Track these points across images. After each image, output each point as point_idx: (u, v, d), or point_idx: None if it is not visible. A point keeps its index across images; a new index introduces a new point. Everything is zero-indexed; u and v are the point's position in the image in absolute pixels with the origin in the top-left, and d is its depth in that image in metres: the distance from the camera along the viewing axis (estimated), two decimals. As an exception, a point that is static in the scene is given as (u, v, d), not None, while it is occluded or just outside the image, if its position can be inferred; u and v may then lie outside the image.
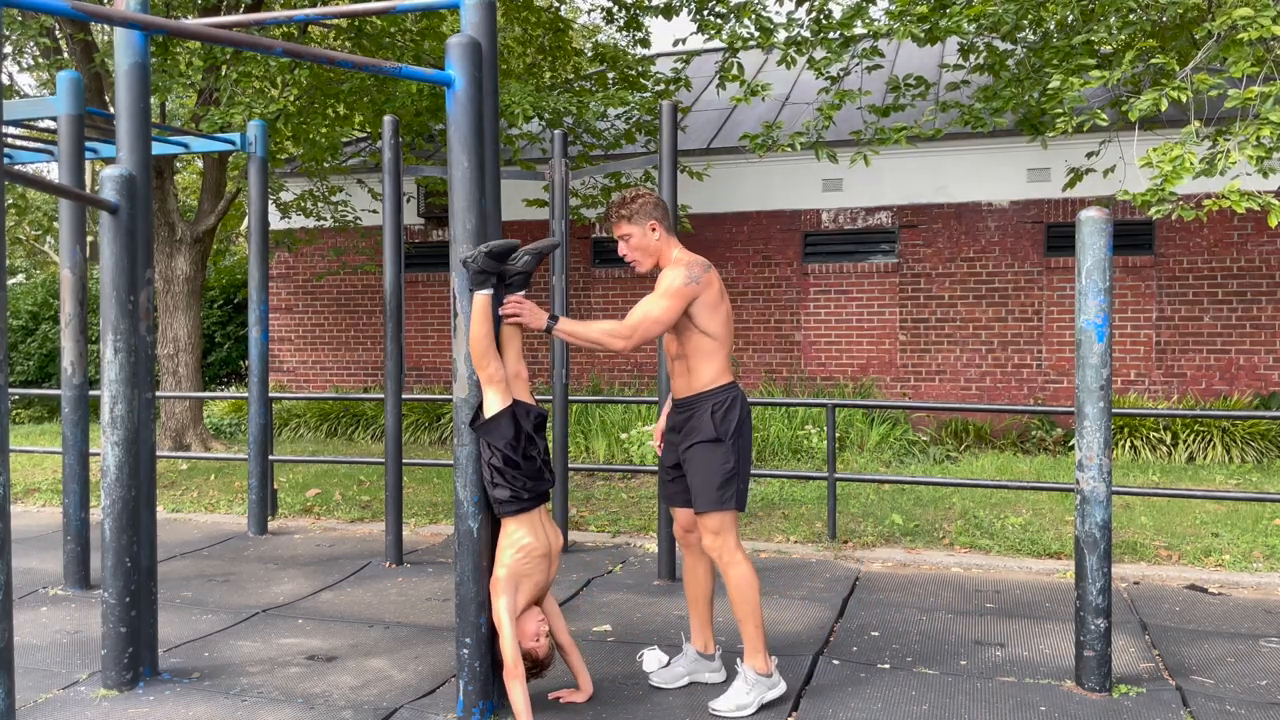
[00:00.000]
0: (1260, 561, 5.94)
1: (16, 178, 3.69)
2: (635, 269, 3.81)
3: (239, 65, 9.04)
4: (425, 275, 13.42)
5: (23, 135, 7.07)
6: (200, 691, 4.02)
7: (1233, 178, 6.56)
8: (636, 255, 3.79)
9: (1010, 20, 7.68)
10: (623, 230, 3.78)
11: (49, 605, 5.33)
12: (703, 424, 3.70)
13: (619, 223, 3.78)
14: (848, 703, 3.81)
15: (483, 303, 3.59)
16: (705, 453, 3.70)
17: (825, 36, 8.50)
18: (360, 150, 13.63)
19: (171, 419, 10.77)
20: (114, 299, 4.03)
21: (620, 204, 3.79)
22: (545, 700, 3.83)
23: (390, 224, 6.17)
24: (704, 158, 12.18)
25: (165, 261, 10.64)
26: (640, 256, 3.80)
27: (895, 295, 11.69)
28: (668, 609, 5.12)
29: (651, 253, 3.79)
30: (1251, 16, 5.84)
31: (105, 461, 4.04)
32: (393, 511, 6.19)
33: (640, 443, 9.64)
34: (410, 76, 3.63)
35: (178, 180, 19.35)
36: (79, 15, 3.12)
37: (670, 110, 5.65)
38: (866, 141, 8.43)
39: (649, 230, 3.77)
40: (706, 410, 3.71)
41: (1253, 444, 9.60)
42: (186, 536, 7.09)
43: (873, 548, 6.41)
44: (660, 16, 10.17)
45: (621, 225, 3.78)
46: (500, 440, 3.59)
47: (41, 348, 15.02)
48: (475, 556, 3.66)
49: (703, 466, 3.70)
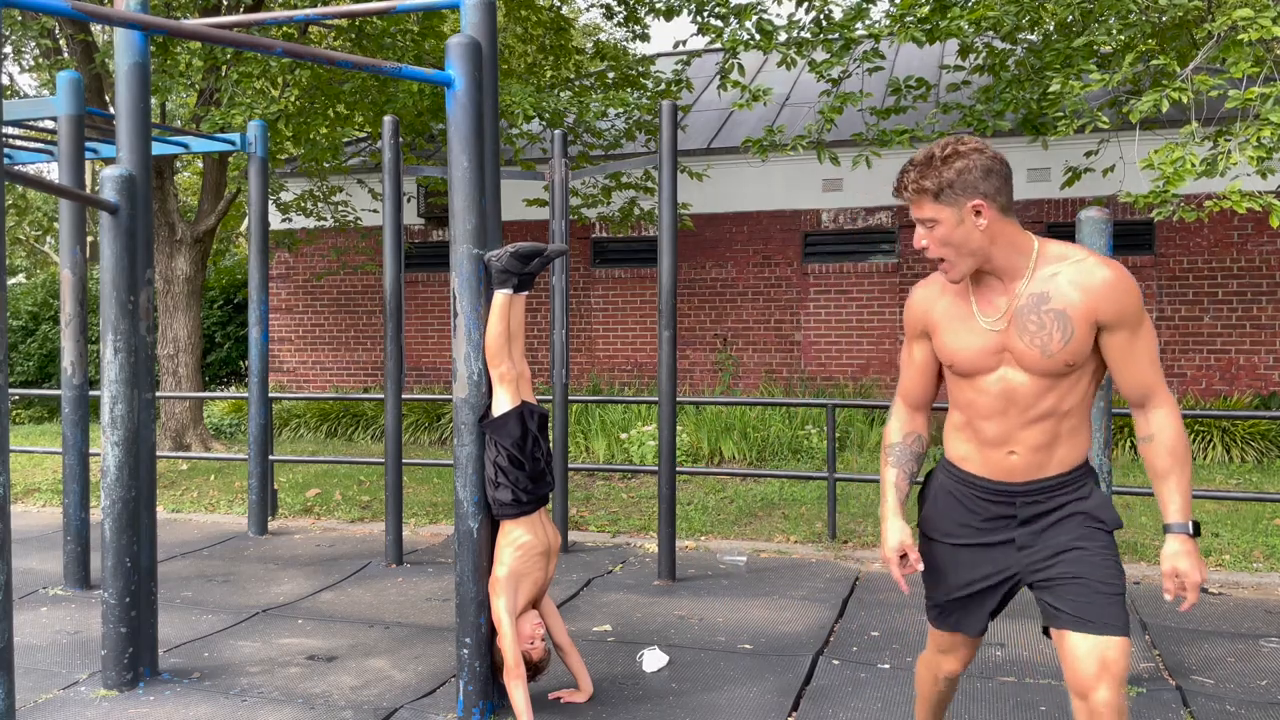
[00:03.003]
0: (1260, 561, 5.94)
1: (16, 178, 3.69)
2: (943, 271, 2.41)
3: (239, 66, 9.04)
4: (425, 275, 13.42)
5: (23, 135, 7.06)
6: (200, 691, 4.02)
7: (1233, 178, 6.55)
8: (945, 252, 2.35)
9: (1010, 22, 7.68)
10: (924, 212, 2.34)
11: (49, 605, 5.33)
12: (1094, 500, 2.45)
13: (917, 199, 2.34)
14: (848, 703, 3.81)
15: (503, 302, 3.62)
16: (1109, 544, 2.43)
17: (826, 38, 8.50)
18: (360, 150, 13.63)
19: (171, 419, 10.76)
20: (114, 299, 4.03)
21: (924, 166, 2.32)
22: (545, 700, 3.83)
23: (390, 224, 6.17)
24: (704, 158, 12.18)
25: (165, 261, 10.64)
26: (952, 255, 2.35)
27: (895, 295, 11.69)
28: (668, 609, 5.12)
29: (972, 250, 2.34)
30: (1252, 17, 5.84)
31: (105, 461, 4.04)
32: (393, 511, 6.19)
33: (640, 443, 9.64)
34: (410, 77, 3.63)
35: (178, 180, 19.35)
36: (79, 15, 3.12)
37: (670, 110, 5.65)
38: (868, 143, 8.43)
39: (969, 215, 2.30)
40: (1090, 481, 2.47)
41: (1253, 444, 9.60)
42: (186, 536, 7.09)
43: (873, 548, 6.41)
44: (661, 18, 10.17)
45: (923, 204, 2.33)
46: (508, 439, 3.60)
47: (41, 348, 15.01)
48: (475, 556, 3.66)
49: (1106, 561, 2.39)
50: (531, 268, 3.67)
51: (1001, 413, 2.42)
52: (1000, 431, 2.44)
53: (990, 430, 2.45)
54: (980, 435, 2.48)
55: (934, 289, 2.52)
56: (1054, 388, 2.36)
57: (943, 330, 2.49)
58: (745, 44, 8.42)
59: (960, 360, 2.44)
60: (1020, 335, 2.35)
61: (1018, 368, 2.38)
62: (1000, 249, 2.34)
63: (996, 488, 2.49)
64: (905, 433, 2.67)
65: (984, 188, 2.29)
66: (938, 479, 2.64)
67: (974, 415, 2.47)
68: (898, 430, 2.67)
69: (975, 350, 2.41)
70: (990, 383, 2.42)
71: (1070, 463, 2.43)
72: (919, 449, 2.67)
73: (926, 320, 2.53)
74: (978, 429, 2.47)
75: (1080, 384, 2.38)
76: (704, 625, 4.83)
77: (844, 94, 8.19)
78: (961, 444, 2.55)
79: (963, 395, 2.49)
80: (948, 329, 2.47)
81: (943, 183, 2.29)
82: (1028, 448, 2.41)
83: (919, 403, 2.67)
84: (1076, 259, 2.33)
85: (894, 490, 2.62)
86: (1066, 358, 2.32)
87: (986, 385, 2.42)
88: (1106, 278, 2.29)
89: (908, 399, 2.67)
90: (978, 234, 2.32)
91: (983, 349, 2.40)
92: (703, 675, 4.14)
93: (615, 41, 14.42)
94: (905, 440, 2.67)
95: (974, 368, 2.42)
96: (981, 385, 2.43)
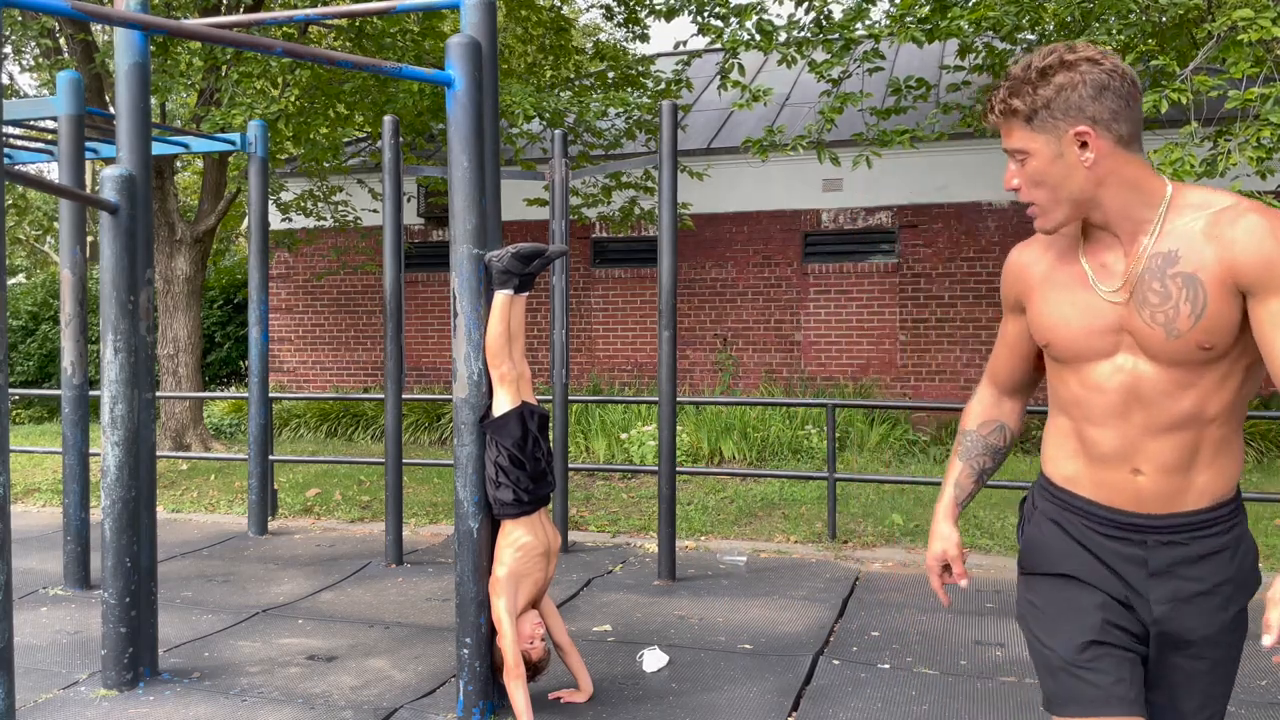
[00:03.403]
0: (1261, 561, 5.93)
1: (16, 178, 3.69)
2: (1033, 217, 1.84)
3: (239, 66, 9.04)
4: (425, 275, 13.42)
5: (23, 135, 7.06)
6: (200, 691, 4.02)
7: (1233, 179, 6.56)
8: (1036, 195, 1.81)
9: (1010, 22, 7.68)
10: (1013, 140, 1.80)
11: (49, 605, 5.33)
12: (1248, 564, 1.91)
13: (1006, 124, 1.80)
14: (848, 703, 3.81)
15: (503, 302, 3.63)
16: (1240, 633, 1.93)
17: (826, 39, 8.50)
18: (360, 150, 13.63)
19: (171, 419, 10.77)
20: (114, 299, 4.03)
21: (1018, 81, 1.77)
22: (545, 700, 3.83)
23: (390, 224, 6.17)
24: (704, 158, 12.18)
25: (165, 261, 10.64)
26: (1044, 199, 1.80)
27: (895, 295, 11.69)
28: (668, 609, 5.12)
29: (1072, 193, 1.78)
30: (1252, 17, 5.84)
31: (105, 461, 4.04)
32: (393, 511, 6.19)
33: (640, 443, 9.64)
34: (410, 76, 3.63)
35: (178, 180, 19.34)
36: (79, 15, 3.12)
37: (670, 110, 5.65)
38: (868, 143, 8.43)
39: (1071, 146, 1.75)
40: (1242, 523, 1.90)
41: (1253, 444, 9.59)
42: (186, 536, 7.09)
43: (873, 548, 6.41)
44: (662, 19, 10.18)
45: (1011, 130, 1.79)
46: (508, 440, 3.61)
47: (41, 348, 15.02)
48: (475, 556, 3.66)
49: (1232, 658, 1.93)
50: (532, 268, 3.68)
51: (1120, 416, 1.82)
52: (1119, 443, 1.83)
53: (1105, 441, 1.84)
54: (1092, 448, 1.87)
55: (1035, 248, 1.96)
56: (1193, 384, 1.76)
57: (1040, 298, 1.90)
58: (745, 44, 8.42)
59: (1061, 340, 1.86)
60: (1141, 309, 1.77)
61: (1141, 354, 1.79)
62: (1113, 193, 1.76)
63: (1118, 519, 1.86)
64: (983, 420, 2.13)
65: (1093, 110, 1.71)
66: (1037, 504, 2.03)
67: (1082, 419, 1.87)
68: (976, 415, 2.14)
69: (1081, 328, 1.83)
70: (1103, 374, 1.82)
71: (1217, 493, 1.83)
72: (998, 441, 2.13)
73: (1021, 286, 1.96)
74: (1088, 439, 1.87)
75: (1231, 379, 1.77)
76: (704, 625, 4.83)
77: (844, 94, 8.19)
78: (1067, 460, 1.93)
79: (1067, 390, 1.89)
80: (1046, 297, 1.88)
81: (1037, 102, 1.74)
82: (1157, 467, 1.81)
83: (1009, 386, 2.12)
84: (1219, 206, 1.74)
85: (952, 488, 2.11)
86: (1200, 338, 1.73)
87: (1098, 377, 1.83)
88: (1249, 225, 1.69)
89: (995, 380, 2.14)
90: (1081, 172, 1.74)
91: (1090, 327, 1.82)
92: (703, 675, 4.14)
93: (615, 42, 14.43)
94: (981, 429, 2.13)
95: (1079, 351, 1.84)
96: (1092, 377, 1.84)
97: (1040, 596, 1.95)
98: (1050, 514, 1.97)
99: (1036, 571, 1.98)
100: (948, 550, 2.05)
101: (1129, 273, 1.79)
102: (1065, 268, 1.87)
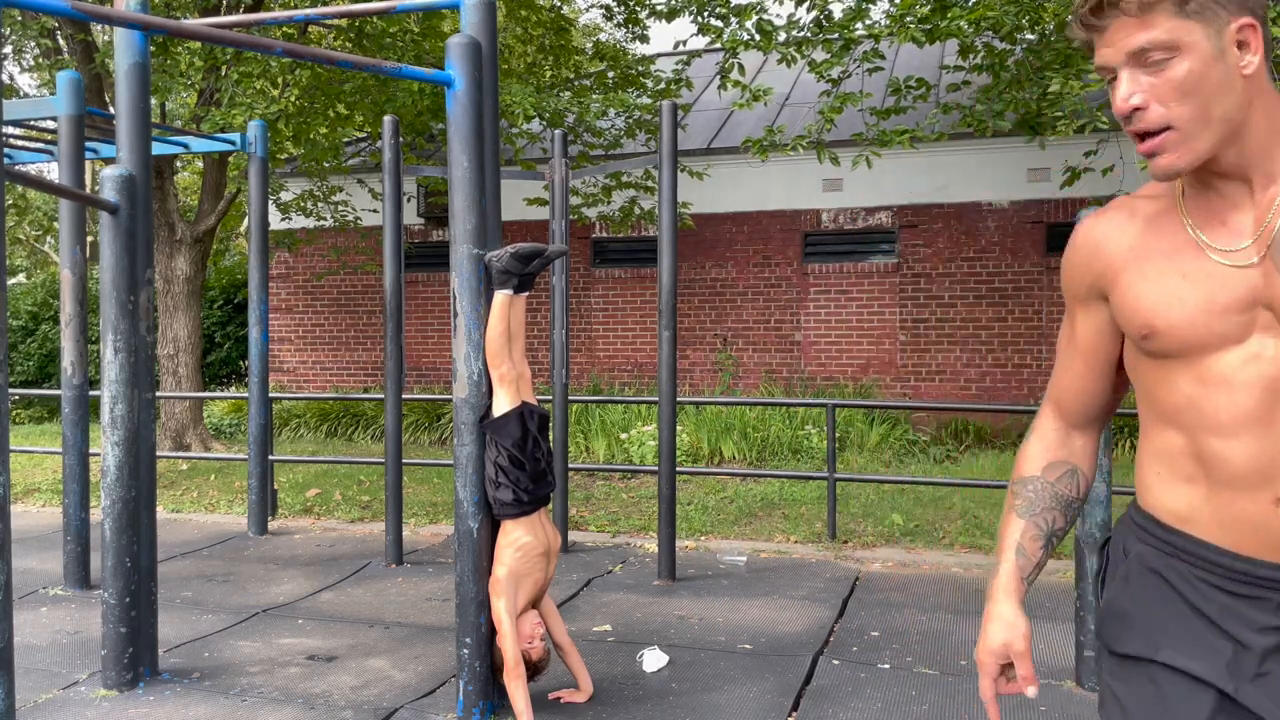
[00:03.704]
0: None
1: (16, 178, 3.69)
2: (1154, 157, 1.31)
3: (239, 66, 9.04)
4: (425, 275, 13.42)
5: (23, 135, 7.07)
6: (200, 691, 4.02)
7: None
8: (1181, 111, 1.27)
9: (1010, 22, 7.68)
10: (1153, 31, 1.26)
11: (49, 605, 5.33)
12: None
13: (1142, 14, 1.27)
14: (848, 703, 3.81)
15: (503, 302, 3.63)
16: None
17: (826, 39, 8.51)
18: (360, 150, 13.63)
19: (171, 419, 10.77)
20: (114, 299, 4.03)
21: None
22: (545, 700, 3.83)
23: (390, 224, 6.18)
24: (704, 158, 12.18)
25: (165, 261, 10.64)
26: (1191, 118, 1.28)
27: (895, 295, 11.69)
28: (668, 609, 5.12)
29: (1226, 110, 1.28)
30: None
31: (105, 461, 4.04)
32: (393, 511, 6.19)
33: (640, 443, 9.64)
34: (410, 76, 3.63)
35: (178, 180, 19.34)
36: (79, 15, 3.12)
37: (670, 110, 5.65)
38: (868, 143, 8.43)
39: (1232, 44, 1.27)
40: None
41: None
42: (186, 536, 7.09)
43: (873, 548, 6.41)
44: (662, 20, 10.18)
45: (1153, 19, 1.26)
46: (508, 440, 3.61)
47: (41, 348, 15.02)
48: (475, 556, 3.67)
49: None
50: (532, 268, 3.68)
51: (1260, 421, 1.30)
52: (1257, 460, 1.30)
53: (1236, 457, 1.32)
54: (1216, 469, 1.34)
55: (1118, 216, 1.45)
56: None
57: (1134, 277, 1.40)
58: (745, 44, 8.42)
59: (1170, 324, 1.35)
60: None
61: None
62: (1259, 119, 1.29)
63: (1252, 571, 1.33)
64: (1049, 462, 1.59)
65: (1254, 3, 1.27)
66: (1130, 548, 1.48)
67: (1201, 430, 1.35)
68: (1039, 456, 1.59)
69: (1198, 306, 1.33)
70: (1231, 365, 1.32)
71: None
72: (1070, 491, 1.58)
73: (1101, 265, 1.45)
74: (1210, 457, 1.35)
75: None
76: (704, 625, 4.83)
77: (844, 94, 8.19)
78: (1176, 488, 1.40)
79: (1176, 394, 1.38)
80: (1143, 271, 1.39)
81: None
82: None
83: (1081, 415, 1.59)
84: None
85: (1014, 555, 1.54)
86: None
87: (1225, 370, 1.32)
88: None
89: (1061, 408, 1.60)
90: (1239, 83, 1.27)
91: (1212, 303, 1.32)
92: (703, 675, 4.14)
93: (615, 42, 14.43)
94: (1048, 473, 1.58)
95: (1197, 338, 1.33)
96: (1215, 371, 1.33)
97: (1129, 692, 1.41)
98: (1149, 561, 1.43)
99: (1122, 653, 1.44)
100: (1012, 643, 1.48)
101: (1265, 228, 1.30)
102: (1164, 235, 1.39)
